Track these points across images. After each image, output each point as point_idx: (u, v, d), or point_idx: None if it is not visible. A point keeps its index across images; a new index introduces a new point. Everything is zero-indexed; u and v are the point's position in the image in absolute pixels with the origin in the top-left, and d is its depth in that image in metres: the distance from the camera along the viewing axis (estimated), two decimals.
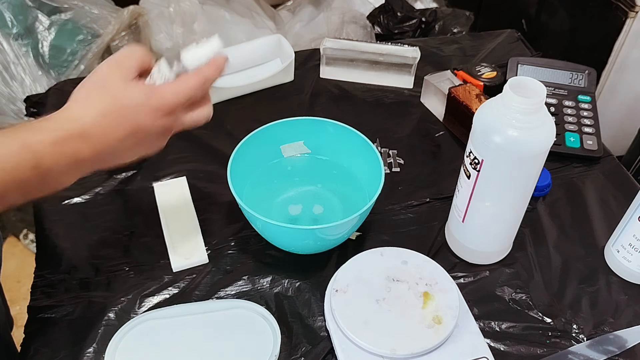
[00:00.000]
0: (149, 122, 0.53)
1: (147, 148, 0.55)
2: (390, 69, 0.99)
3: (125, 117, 0.52)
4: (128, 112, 0.52)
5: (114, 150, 0.52)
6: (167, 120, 0.54)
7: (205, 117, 0.59)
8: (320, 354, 0.62)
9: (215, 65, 0.58)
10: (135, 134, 0.52)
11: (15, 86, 1.42)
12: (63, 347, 0.63)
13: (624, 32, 1.27)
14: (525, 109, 0.57)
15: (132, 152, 0.55)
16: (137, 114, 0.52)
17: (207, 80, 0.56)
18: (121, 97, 0.52)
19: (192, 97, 0.56)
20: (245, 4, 1.71)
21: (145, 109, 0.52)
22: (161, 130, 0.54)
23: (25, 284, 0.70)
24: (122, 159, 0.55)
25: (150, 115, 0.52)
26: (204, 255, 0.72)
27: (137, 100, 0.52)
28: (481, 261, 0.72)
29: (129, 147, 0.53)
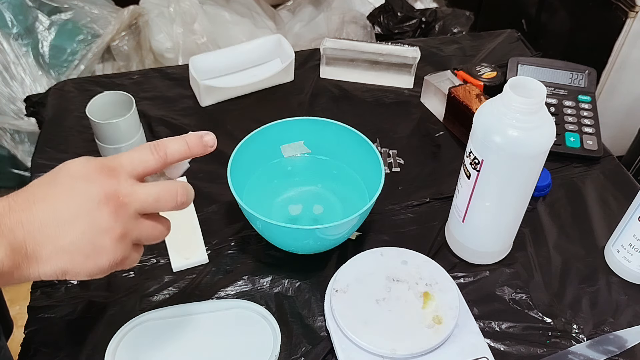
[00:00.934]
0: (83, 181, 0.44)
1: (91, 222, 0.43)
2: (390, 69, 0.99)
3: (57, 179, 0.44)
4: (60, 174, 0.45)
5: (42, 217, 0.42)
6: (106, 181, 0.44)
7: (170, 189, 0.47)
8: (320, 354, 0.62)
9: (180, 138, 0.49)
10: (69, 196, 0.43)
11: (15, 86, 1.42)
12: (63, 347, 0.63)
13: (624, 32, 1.28)
14: (525, 109, 0.57)
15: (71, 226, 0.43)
16: (70, 174, 0.44)
17: (159, 144, 0.47)
18: (61, 166, 0.45)
19: (138, 158, 0.46)
20: (245, 4, 1.71)
21: (79, 168, 0.45)
22: (101, 192, 0.44)
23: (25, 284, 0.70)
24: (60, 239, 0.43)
25: (85, 174, 0.44)
26: (204, 255, 0.72)
27: (72, 164, 0.45)
28: (481, 261, 0.72)
29: (64, 216, 0.43)
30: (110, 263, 0.45)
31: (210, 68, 0.97)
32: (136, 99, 0.83)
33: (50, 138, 0.88)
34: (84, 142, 0.86)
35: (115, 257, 0.45)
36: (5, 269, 0.41)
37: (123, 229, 0.45)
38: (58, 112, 0.93)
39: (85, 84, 0.98)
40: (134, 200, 0.45)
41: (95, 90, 0.94)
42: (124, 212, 0.45)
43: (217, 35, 1.59)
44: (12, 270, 0.42)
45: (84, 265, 0.44)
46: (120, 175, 0.45)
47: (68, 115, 0.92)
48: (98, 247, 0.44)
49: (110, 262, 0.45)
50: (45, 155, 0.85)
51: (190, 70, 0.94)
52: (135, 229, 0.46)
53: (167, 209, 0.48)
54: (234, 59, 1.00)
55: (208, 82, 0.94)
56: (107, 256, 0.45)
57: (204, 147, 0.50)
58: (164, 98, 0.96)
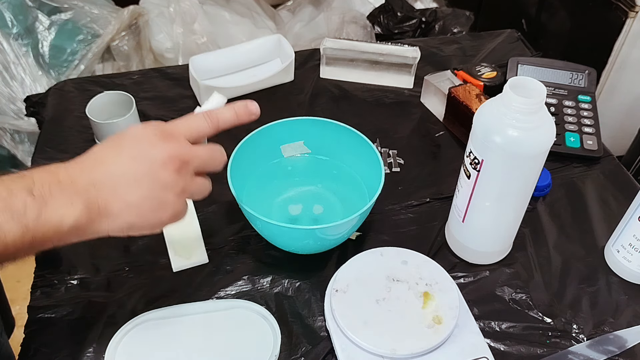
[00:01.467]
0: (146, 144, 0.49)
1: (156, 181, 0.49)
2: (390, 69, 0.99)
3: (122, 143, 0.49)
4: (125, 139, 0.50)
5: (113, 178, 0.48)
6: (168, 144, 0.49)
7: (220, 151, 0.54)
8: (320, 354, 0.62)
9: (230, 106, 0.55)
10: (134, 158, 0.48)
11: (15, 86, 1.42)
12: (63, 347, 0.63)
13: (624, 32, 1.28)
14: (525, 109, 0.57)
15: (138, 185, 0.48)
16: (134, 138, 0.49)
17: (211, 113, 0.53)
18: (122, 133, 0.50)
19: (194, 125, 0.52)
20: (245, 4, 1.71)
21: (141, 132, 0.50)
22: (165, 155, 0.49)
23: (25, 284, 0.70)
24: (129, 196, 0.48)
25: (147, 138, 0.49)
26: (204, 255, 0.72)
27: (134, 129, 0.50)
28: (481, 261, 0.72)
29: (132, 176, 0.48)
30: (171, 216, 0.51)
31: (210, 68, 0.97)
32: (136, 99, 0.83)
33: (50, 138, 0.88)
34: (84, 142, 0.86)
35: (175, 210, 0.51)
36: (80, 224, 0.46)
37: (183, 185, 0.50)
38: (58, 112, 0.93)
39: (85, 84, 0.98)
40: (194, 158, 0.51)
41: (95, 90, 0.94)
42: (185, 170, 0.50)
43: (217, 35, 1.59)
44: (86, 226, 0.47)
45: (150, 219, 0.50)
46: (180, 139, 0.50)
47: (68, 115, 0.92)
48: (163, 201, 0.49)
49: (171, 215, 0.51)
50: (45, 155, 0.85)
51: (190, 70, 0.94)
52: (193, 185, 0.52)
53: (216, 168, 0.54)
54: (234, 59, 1.00)
55: (208, 82, 0.94)
56: (170, 209, 0.50)
57: (249, 115, 0.55)
58: (164, 98, 0.96)
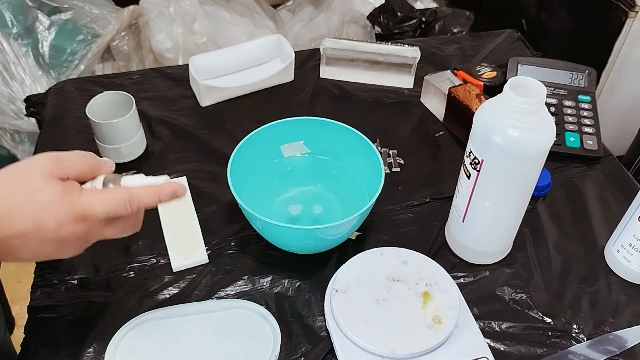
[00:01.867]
0: (53, 224, 0.47)
1: (56, 252, 0.49)
2: (390, 69, 0.99)
3: (30, 212, 0.46)
4: (34, 208, 0.46)
5: (12, 242, 0.46)
6: (77, 227, 0.48)
7: (130, 229, 0.53)
8: (320, 354, 0.62)
9: (156, 189, 0.52)
10: (37, 232, 0.47)
11: (15, 86, 1.42)
12: (63, 347, 0.63)
13: (624, 32, 1.27)
14: (525, 109, 0.57)
15: (37, 252, 0.48)
16: (43, 211, 0.46)
17: (134, 199, 0.50)
18: (33, 190, 0.47)
19: (113, 211, 0.49)
20: (245, 4, 1.71)
21: (53, 208, 0.47)
22: (71, 236, 0.48)
23: (25, 284, 0.70)
24: (25, 257, 0.48)
25: (58, 217, 0.47)
26: (204, 255, 0.72)
27: (47, 197, 0.47)
28: (481, 261, 0.72)
29: (32, 245, 0.47)
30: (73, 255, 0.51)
31: (210, 68, 0.97)
32: (136, 99, 0.83)
33: (50, 138, 0.88)
34: (84, 142, 0.86)
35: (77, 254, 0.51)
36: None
37: (86, 247, 0.51)
38: (58, 112, 0.93)
39: (85, 84, 0.98)
40: (102, 238, 0.52)
41: (95, 90, 0.94)
42: (89, 243, 0.51)
43: (217, 35, 1.59)
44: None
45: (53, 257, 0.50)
46: (92, 223, 0.49)
47: (68, 115, 0.92)
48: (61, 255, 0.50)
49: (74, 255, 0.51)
50: None
51: (190, 70, 0.94)
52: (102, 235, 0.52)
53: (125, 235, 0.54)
54: (234, 59, 1.00)
55: (208, 82, 0.94)
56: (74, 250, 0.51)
57: (173, 199, 0.53)
58: (164, 98, 0.96)
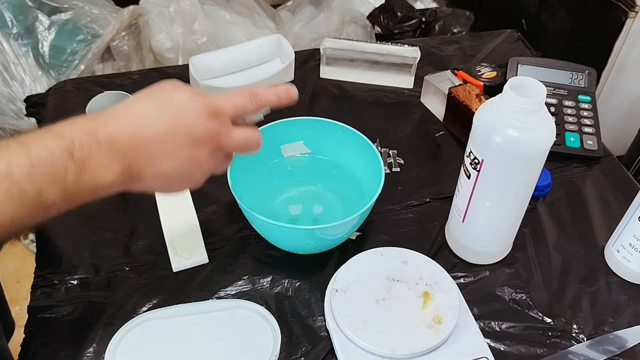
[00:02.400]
0: (191, 118, 0.49)
1: (190, 156, 0.50)
2: (390, 69, 0.99)
3: (167, 109, 0.49)
4: (171, 105, 0.49)
5: (151, 145, 0.48)
6: (212, 123, 0.50)
7: (256, 138, 0.55)
8: (320, 354, 0.62)
9: (273, 88, 0.55)
10: (176, 130, 0.48)
11: (15, 86, 1.42)
12: (63, 347, 0.63)
13: (624, 32, 1.27)
14: (525, 109, 0.57)
15: (173, 157, 0.49)
16: (179, 109, 0.49)
17: (257, 93, 0.53)
18: (168, 93, 0.50)
19: (240, 104, 0.52)
20: (245, 4, 1.71)
21: (188, 104, 0.49)
22: (206, 133, 0.50)
23: (25, 284, 0.70)
24: (162, 165, 0.49)
25: (193, 112, 0.49)
26: (204, 255, 0.72)
27: (182, 96, 0.50)
28: (481, 261, 0.72)
29: (170, 147, 0.49)
30: (193, 186, 0.53)
31: (210, 68, 0.97)
32: None
33: None
34: None
35: (198, 183, 0.53)
36: (115, 186, 0.48)
37: (214, 165, 0.52)
38: (58, 112, 0.93)
39: (85, 84, 0.98)
40: (230, 143, 0.52)
41: (95, 90, 0.94)
42: (219, 152, 0.52)
43: (217, 35, 1.59)
44: (119, 186, 0.48)
45: (174, 187, 0.53)
46: (223, 119, 0.51)
47: (68, 115, 0.90)
48: (190, 176, 0.51)
49: (193, 186, 0.53)
50: None
51: (190, 70, 0.94)
52: (221, 165, 0.54)
53: (250, 153, 0.55)
54: (234, 59, 1.00)
55: (208, 82, 0.94)
56: (194, 182, 0.52)
57: (290, 100, 0.57)
58: None
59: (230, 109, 0.52)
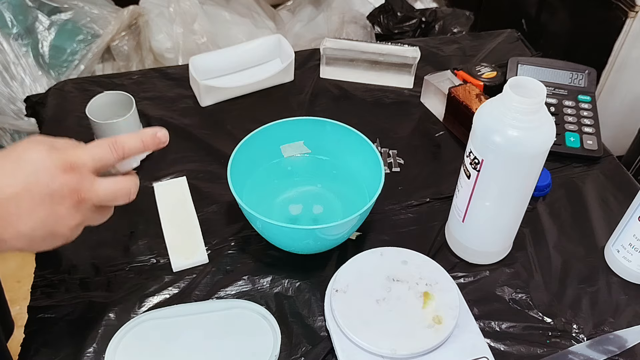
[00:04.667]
0: (45, 176, 0.46)
1: (50, 214, 0.47)
2: (390, 69, 0.99)
3: (20, 169, 0.46)
4: (23, 166, 0.46)
5: (6, 206, 0.46)
6: (68, 178, 0.47)
7: (125, 189, 0.51)
8: (320, 354, 0.62)
9: (137, 134, 0.52)
10: (29, 189, 0.46)
11: (15, 86, 1.42)
12: (63, 347, 0.63)
13: (624, 32, 1.27)
14: (525, 109, 0.57)
15: (31, 217, 0.47)
16: (32, 167, 0.46)
17: (117, 142, 0.50)
18: (20, 152, 0.47)
19: (98, 156, 0.49)
20: (245, 4, 1.71)
21: (42, 162, 0.47)
22: (63, 189, 0.47)
23: (25, 284, 0.70)
24: (21, 226, 0.47)
25: (47, 169, 0.46)
26: (204, 255, 0.72)
27: (35, 154, 0.47)
28: (481, 261, 0.72)
29: (26, 207, 0.46)
30: (62, 242, 0.50)
31: (210, 68, 0.97)
32: (136, 99, 0.83)
33: None
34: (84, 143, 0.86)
35: (67, 239, 0.50)
36: None
37: (80, 220, 0.49)
38: (58, 112, 0.93)
39: (85, 84, 0.98)
40: (94, 196, 0.49)
41: (95, 90, 0.94)
42: (83, 206, 0.49)
43: (217, 35, 1.59)
44: None
45: (41, 246, 0.50)
46: (82, 172, 0.48)
47: (68, 115, 0.92)
48: (55, 232, 0.49)
49: (62, 242, 0.50)
50: None
51: (190, 70, 0.94)
52: (90, 218, 0.51)
53: (122, 202, 0.52)
54: (234, 59, 1.00)
55: (208, 82, 0.94)
56: (61, 239, 0.50)
57: (157, 144, 0.53)
58: (164, 98, 0.96)
59: (89, 161, 0.49)
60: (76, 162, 0.48)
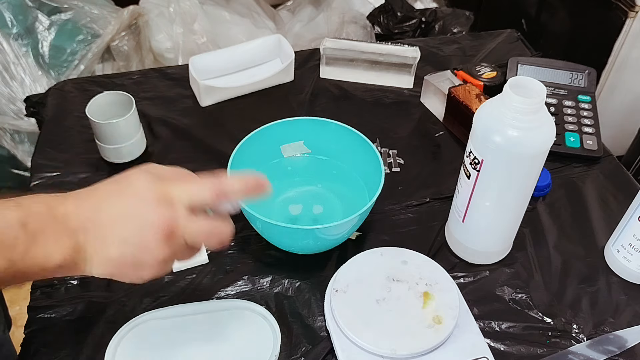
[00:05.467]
0: (144, 206, 0.47)
1: (139, 242, 0.47)
2: (390, 69, 0.99)
3: (124, 194, 0.48)
4: (128, 190, 0.48)
5: (103, 228, 0.47)
6: (164, 211, 0.47)
7: (219, 232, 0.50)
8: (320, 354, 0.62)
9: (240, 179, 0.51)
10: (127, 215, 0.47)
11: (15, 86, 1.42)
12: (63, 347, 0.63)
13: (624, 32, 1.27)
14: (525, 109, 0.57)
15: (122, 242, 0.47)
16: (136, 193, 0.48)
17: (220, 187, 0.50)
18: (131, 178, 0.49)
19: (196, 194, 0.49)
20: (245, 4, 1.71)
21: (142, 189, 0.48)
22: (159, 222, 0.47)
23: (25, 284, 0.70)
24: (111, 249, 0.47)
25: (144, 195, 0.47)
26: (204, 255, 0.72)
27: (140, 184, 0.48)
28: (481, 261, 0.72)
29: (119, 232, 0.47)
30: (151, 276, 0.50)
31: (210, 68, 0.97)
32: (136, 99, 0.83)
33: (50, 138, 0.88)
34: (84, 142, 0.86)
35: (156, 273, 0.50)
36: (65, 265, 0.47)
37: (169, 253, 0.49)
38: (58, 112, 0.93)
39: (85, 84, 0.98)
40: (187, 234, 0.49)
41: (95, 90, 0.94)
42: (174, 241, 0.48)
43: (217, 35, 1.59)
44: (70, 267, 0.47)
45: (129, 275, 0.49)
46: (177, 208, 0.48)
47: (68, 115, 0.92)
48: (143, 263, 0.48)
49: (151, 276, 0.50)
50: (45, 155, 0.85)
51: (190, 70, 0.94)
52: (180, 254, 0.50)
53: (211, 248, 0.52)
54: (234, 59, 1.00)
55: (208, 82, 0.94)
56: (150, 271, 0.49)
57: (259, 190, 0.52)
58: (164, 98, 0.96)
59: (185, 198, 0.49)
60: (173, 197, 0.48)
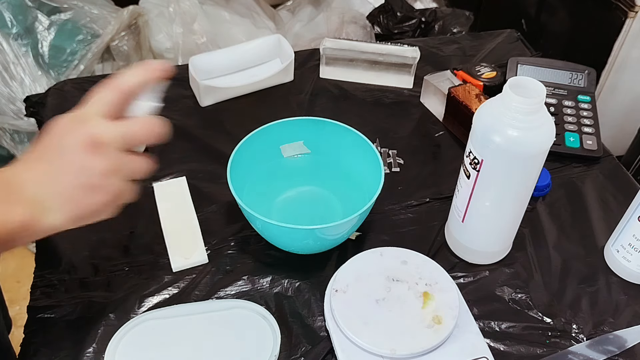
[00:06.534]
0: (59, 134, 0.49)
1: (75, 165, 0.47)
2: (390, 69, 0.99)
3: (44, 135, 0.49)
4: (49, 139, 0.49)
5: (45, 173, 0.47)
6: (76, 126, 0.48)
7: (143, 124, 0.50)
8: (320, 354, 0.62)
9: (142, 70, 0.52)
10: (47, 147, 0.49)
11: (15, 86, 1.42)
12: (63, 347, 0.63)
13: (624, 32, 1.27)
14: (525, 109, 0.57)
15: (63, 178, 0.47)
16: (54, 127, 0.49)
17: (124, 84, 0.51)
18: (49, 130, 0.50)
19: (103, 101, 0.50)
20: (245, 4, 1.71)
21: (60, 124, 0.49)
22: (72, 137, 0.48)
23: (25, 284, 0.70)
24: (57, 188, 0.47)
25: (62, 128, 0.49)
26: (204, 255, 0.72)
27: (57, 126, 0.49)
28: (481, 261, 0.72)
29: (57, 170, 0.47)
30: (111, 198, 0.49)
31: (210, 68, 0.97)
32: None
33: None
34: None
35: (112, 192, 0.48)
36: (25, 223, 0.46)
37: (109, 164, 0.48)
38: (58, 112, 0.91)
39: (85, 84, 0.98)
40: (108, 136, 0.48)
41: None
42: (103, 149, 0.48)
43: (217, 35, 1.59)
44: (33, 223, 0.47)
45: (90, 205, 0.48)
46: (88, 120, 0.48)
47: None
48: (94, 185, 0.48)
49: (111, 198, 0.49)
50: None
51: (190, 70, 0.94)
52: (121, 163, 0.49)
53: (144, 141, 0.51)
54: (233, 59, 1.00)
55: (208, 82, 0.94)
56: (103, 194, 0.48)
57: (152, 71, 0.52)
58: (164, 98, 0.95)
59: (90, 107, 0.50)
60: (81, 113, 0.49)
